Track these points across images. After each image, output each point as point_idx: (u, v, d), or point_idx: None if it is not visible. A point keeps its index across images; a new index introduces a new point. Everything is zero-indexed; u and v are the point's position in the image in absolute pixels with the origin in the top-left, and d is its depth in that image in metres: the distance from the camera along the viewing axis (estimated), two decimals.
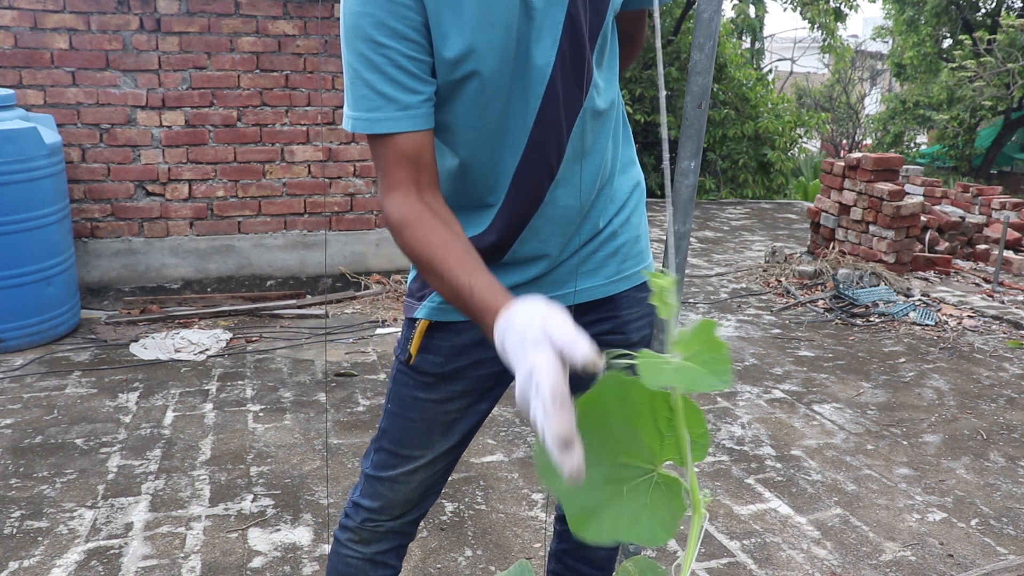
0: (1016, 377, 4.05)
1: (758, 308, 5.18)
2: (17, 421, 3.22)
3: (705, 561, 2.43)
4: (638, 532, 0.67)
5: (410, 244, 1.16)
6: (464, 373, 1.40)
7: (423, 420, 1.42)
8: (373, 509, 1.46)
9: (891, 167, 5.86)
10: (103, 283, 4.72)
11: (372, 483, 1.46)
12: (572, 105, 1.25)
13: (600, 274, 1.40)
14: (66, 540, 2.43)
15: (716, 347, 0.64)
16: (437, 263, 1.12)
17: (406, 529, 1.50)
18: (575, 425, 0.70)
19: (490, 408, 1.47)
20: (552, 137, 1.25)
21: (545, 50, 1.19)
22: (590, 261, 1.39)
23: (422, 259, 1.14)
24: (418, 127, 1.18)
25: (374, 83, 1.15)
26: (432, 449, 1.43)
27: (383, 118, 1.17)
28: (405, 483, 1.44)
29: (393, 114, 1.16)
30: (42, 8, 4.38)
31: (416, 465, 1.43)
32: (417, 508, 1.48)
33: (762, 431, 3.33)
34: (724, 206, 9.42)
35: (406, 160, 1.18)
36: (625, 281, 1.43)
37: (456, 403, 1.42)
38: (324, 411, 3.39)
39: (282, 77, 4.81)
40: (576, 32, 1.20)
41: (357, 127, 1.19)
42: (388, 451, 1.44)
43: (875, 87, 21.10)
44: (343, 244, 5.10)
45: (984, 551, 2.53)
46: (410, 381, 1.42)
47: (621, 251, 1.41)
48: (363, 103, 1.17)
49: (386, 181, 1.19)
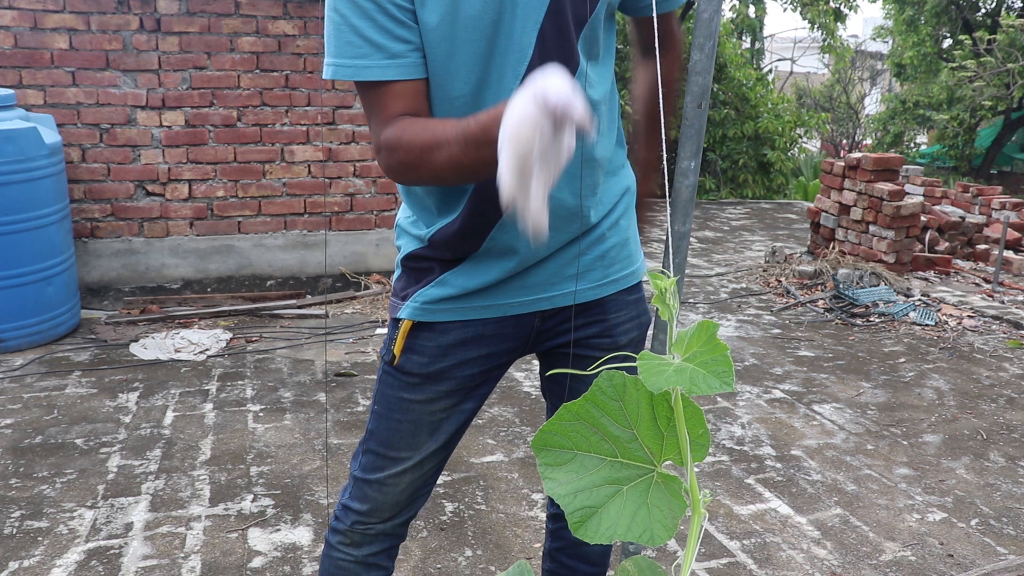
0: (1016, 377, 4.05)
1: (758, 308, 5.18)
2: (17, 421, 3.22)
3: (705, 561, 2.43)
4: (638, 532, 0.67)
5: (408, 145, 1.12)
6: (449, 373, 1.39)
7: (409, 421, 1.41)
8: (362, 512, 1.45)
9: (891, 167, 5.86)
10: (103, 283, 4.72)
11: (360, 485, 1.45)
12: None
13: (587, 278, 1.39)
14: (66, 540, 2.43)
15: (717, 349, 0.64)
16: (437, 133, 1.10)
17: (397, 531, 1.49)
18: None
19: (477, 407, 1.46)
20: None
21: (525, 31, 1.19)
22: (573, 265, 1.38)
23: (424, 142, 1.11)
24: (409, 75, 1.16)
25: (362, 29, 1.13)
26: (419, 450, 1.42)
27: (371, 65, 1.15)
28: (393, 485, 1.43)
29: (381, 62, 1.15)
30: (42, 8, 4.38)
31: (404, 467, 1.42)
32: (407, 510, 1.47)
33: (762, 431, 3.33)
34: (724, 206, 9.42)
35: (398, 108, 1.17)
36: (612, 285, 1.43)
37: (442, 403, 1.41)
38: (324, 411, 3.39)
39: (282, 77, 4.81)
40: (560, 17, 1.20)
41: (342, 74, 1.16)
42: (375, 453, 1.44)
43: (875, 87, 21.10)
44: (343, 244, 5.10)
45: (984, 551, 2.53)
46: (395, 382, 1.41)
47: (609, 255, 1.41)
48: (349, 50, 1.15)
49: (379, 120, 1.17)
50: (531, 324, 1.41)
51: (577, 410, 0.70)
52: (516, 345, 1.43)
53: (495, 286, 1.36)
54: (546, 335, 1.44)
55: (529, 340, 1.43)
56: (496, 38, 1.19)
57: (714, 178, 10.98)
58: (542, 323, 1.41)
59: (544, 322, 1.41)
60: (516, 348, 1.43)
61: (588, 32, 1.25)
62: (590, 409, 0.70)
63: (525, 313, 1.39)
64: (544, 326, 1.42)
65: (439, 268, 1.36)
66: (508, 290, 1.37)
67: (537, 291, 1.38)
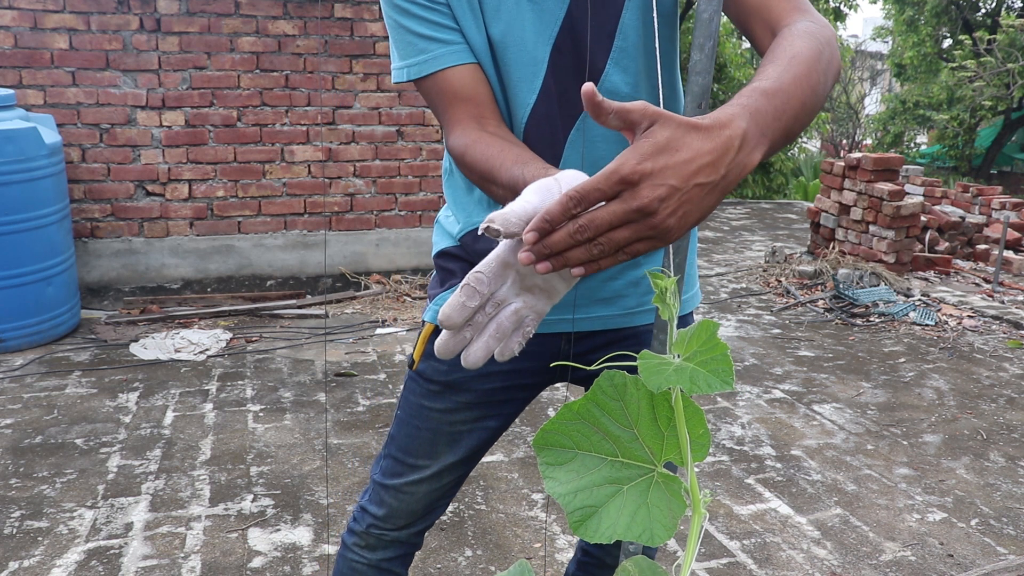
0: (1016, 377, 4.05)
1: (758, 308, 5.18)
2: (17, 421, 3.22)
3: (705, 561, 2.43)
4: (638, 532, 0.67)
5: (470, 166, 1.12)
6: (469, 385, 1.35)
7: (428, 429, 1.39)
8: (378, 516, 1.45)
9: (891, 167, 5.86)
10: (103, 283, 4.72)
11: (379, 490, 1.44)
12: (571, 106, 1.22)
13: (618, 304, 1.33)
14: (66, 540, 2.43)
15: (717, 348, 0.64)
16: (495, 169, 1.07)
17: (411, 539, 1.48)
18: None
19: (502, 427, 1.42)
20: (545, 135, 1.22)
21: (538, 47, 1.18)
22: (604, 289, 1.32)
23: (482, 172, 1.10)
24: (464, 60, 1.17)
25: (414, 27, 1.17)
26: (438, 460, 1.40)
27: (428, 59, 1.17)
28: (410, 493, 1.42)
29: (437, 52, 1.17)
30: (42, 8, 4.38)
31: (421, 476, 1.40)
32: (422, 520, 1.46)
33: (762, 431, 3.33)
34: (724, 206, 9.42)
35: (460, 97, 1.17)
36: (647, 315, 1.35)
37: (462, 415, 1.38)
38: (324, 411, 3.39)
39: (282, 77, 4.81)
40: (575, 33, 1.18)
41: (407, 75, 1.19)
42: (395, 458, 1.42)
43: (875, 87, 21.10)
44: (343, 244, 5.10)
45: (984, 551, 2.53)
46: (417, 388, 1.39)
47: (644, 282, 1.33)
48: (409, 51, 1.18)
49: (446, 121, 1.18)
50: (556, 345, 1.36)
51: (578, 409, 0.70)
52: (541, 366, 1.38)
53: None
54: (579, 361, 1.38)
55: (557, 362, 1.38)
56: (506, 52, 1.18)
57: None
58: (569, 346, 1.36)
59: (573, 346, 1.36)
60: (542, 369, 1.39)
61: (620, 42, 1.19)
62: (591, 408, 0.70)
63: (549, 333, 1.35)
64: (575, 350, 1.37)
65: (461, 272, 1.33)
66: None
67: (561, 311, 1.32)
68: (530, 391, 1.43)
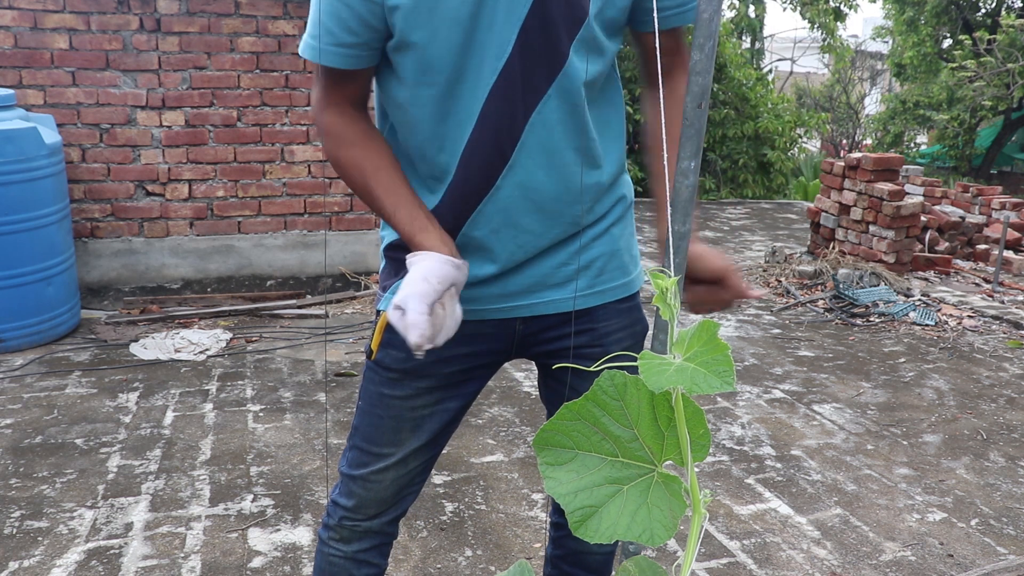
0: (1016, 377, 4.05)
1: (758, 308, 5.18)
2: (17, 421, 3.22)
3: (705, 561, 2.43)
4: (638, 532, 0.67)
5: (343, 163, 1.32)
6: (428, 370, 1.37)
7: (391, 417, 1.40)
8: (349, 508, 1.45)
9: (891, 167, 5.86)
10: (103, 283, 4.73)
11: (347, 482, 1.46)
12: (533, 89, 1.23)
13: (569, 287, 1.37)
14: (66, 540, 2.43)
15: (718, 348, 0.64)
16: (370, 189, 1.30)
17: (385, 529, 1.49)
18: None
19: (463, 407, 1.44)
20: (505, 117, 1.23)
21: (506, 26, 1.19)
22: (557, 274, 1.36)
23: (354, 181, 1.32)
24: (373, 63, 1.27)
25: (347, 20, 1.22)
26: (402, 447, 1.41)
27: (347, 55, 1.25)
28: (377, 482, 1.43)
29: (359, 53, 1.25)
30: (42, 8, 4.38)
31: (387, 463, 1.41)
32: (393, 508, 1.47)
33: (762, 431, 3.33)
34: (724, 206, 9.42)
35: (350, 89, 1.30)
36: (598, 296, 1.40)
37: (423, 399, 1.39)
38: (324, 411, 3.39)
39: (282, 77, 4.81)
40: (546, 16, 1.19)
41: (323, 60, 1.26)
42: (360, 448, 1.43)
43: (875, 87, 21.09)
44: (343, 244, 5.10)
45: (984, 551, 2.53)
46: (376, 377, 1.41)
47: (595, 265, 1.38)
48: (328, 37, 1.24)
49: (322, 95, 1.32)
50: (513, 327, 1.39)
51: (578, 409, 0.70)
52: (500, 347, 1.41)
53: (473, 287, 1.34)
54: (532, 340, 1.42)
55: (513, 343, 1.41)
56: (475, 31, 1.19)
57: (714, 178, 10.98)
58: (525, 327, 1.40)
59: (527, 326, 1.40)
60: (500, 350, 1.42)
61: (586, 34, 1.23)
62: (591, 408, 0.70)
63: (506, 318, 1.38)
64: (528, 330, 1.40)
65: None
66: (487, 296, 1.35)
67: (517, 298, 1.36)
68: (490, 368, 1.47)
